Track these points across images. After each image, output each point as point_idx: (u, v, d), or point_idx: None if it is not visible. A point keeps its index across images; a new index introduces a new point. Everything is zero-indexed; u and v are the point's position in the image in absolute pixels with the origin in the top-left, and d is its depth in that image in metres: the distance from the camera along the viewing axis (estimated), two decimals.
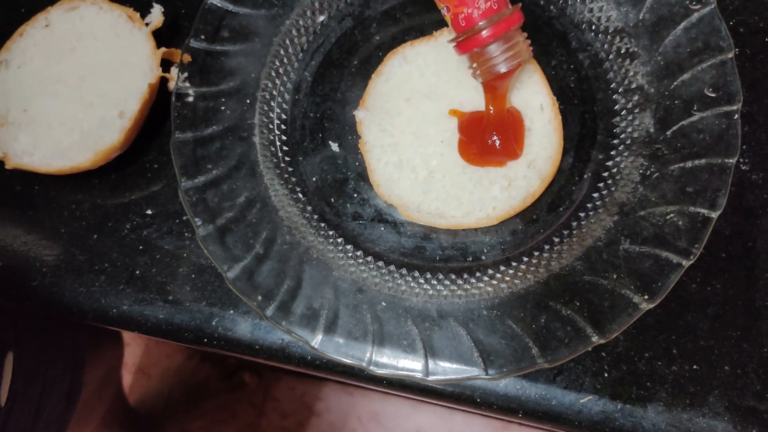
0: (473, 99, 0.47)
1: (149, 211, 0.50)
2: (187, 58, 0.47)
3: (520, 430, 1.16)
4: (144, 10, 0.52)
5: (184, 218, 0.49)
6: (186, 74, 0.47)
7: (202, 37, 0.48)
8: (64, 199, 0.51)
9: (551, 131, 0.45)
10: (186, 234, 0.49)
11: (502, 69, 0.42)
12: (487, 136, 0.44)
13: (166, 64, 0.52)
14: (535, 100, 0.46)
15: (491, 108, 0.45)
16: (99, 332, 0.77)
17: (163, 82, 0.52)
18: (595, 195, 0.44)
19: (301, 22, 0.51)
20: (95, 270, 0.49)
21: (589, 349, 0.39)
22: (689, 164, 0.42)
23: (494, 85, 0.44)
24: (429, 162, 0.46)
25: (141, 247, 0.49)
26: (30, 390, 0.57)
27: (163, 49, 0.50)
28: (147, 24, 0.51)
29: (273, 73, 0.50)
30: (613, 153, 0.45)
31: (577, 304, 0.41)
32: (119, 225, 0.50)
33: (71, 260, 0.50)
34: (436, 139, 0.47)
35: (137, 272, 0.49)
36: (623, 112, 0.45)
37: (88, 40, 0.51)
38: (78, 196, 0.51)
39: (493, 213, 0.45)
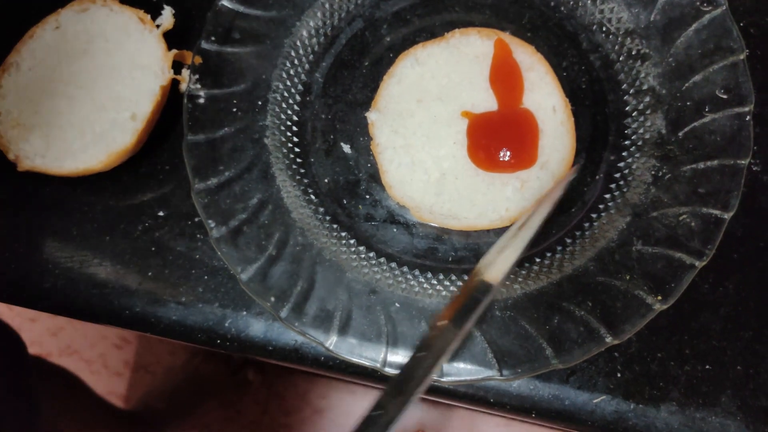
0: (486, 100, 0.47)
1: (161, 213, 0.50)
2: (198, 59, 0.47)
3: (522, 427, 1.16)
4: (155, 12, 0.52)
5: (197, 220, 0.49)
6: (197, 76, 0.47)
7: (213, 38, 0.48)
8: (76, 201, 0.51)
9: (564, 133, 0.45)
10: (198, 236, 0.49)
11: None
12: (499, 145, 0.45)
13: (177, 66, 0.52)
14: (547, 102, 0.46)
15: (502, 107, 0.46)
16: None
17: (175, 84, 0.52)
18: (607, 196, 0.45)
19: (311, 24, 0.51)
20: (108, 272, 0.49)
21: (603, 349, 0.40)
22: (701, 165, 0.42)
23: (505, 81, 0.45)
24: (441, 164, 0.46)
25: (153, 249, 0.49)
26: None
27: (175, 51, 0.50)
28: (158, 26, 0.51)
29: (284, 75, 0.50)
30: (624, 154, 0.45)
31: (590, 304, 0.41)
32: (131, 227, 0.50)
33: (83, 262, 0.50)
34: (448, 141, 0.47)
35: (150, 274, 0.49)
36: (635, 114, 0.45)
37: (99, 41, 0.51)
38: (90, 198, 0.51)
39: (506, 214, 0.45)
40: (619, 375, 0.43)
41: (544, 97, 0.46)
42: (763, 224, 0.44)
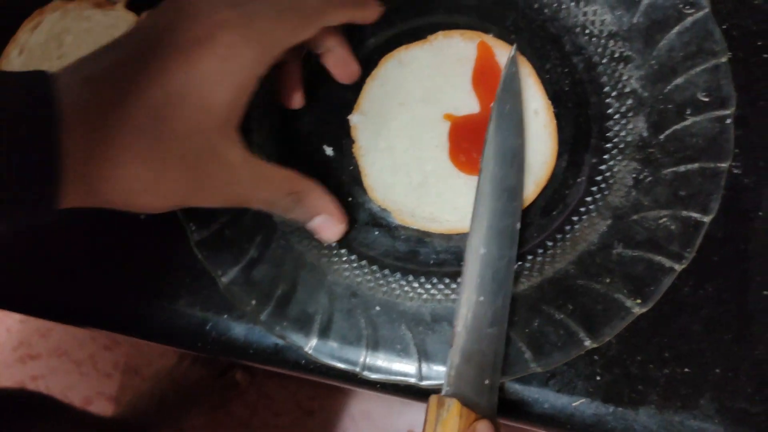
0: (468, 103, 0.47)
1: (142, 216, 0.49)
2: None
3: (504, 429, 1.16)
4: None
5: (178, 223, 0.49)
6: None
7: None
8: None
9: (546, 136, 0.45)
10: (180, 239, 0.49)
11: None
12: (480, 148, 0.44)
13: None
14: (529, 104, 0.46)
15: (484, 110, 0.45)
16: None
17: None
18: (589, 199, 0.45)
19: None
20: (88, 275, 0.49)
21: (582, 353, 0.40)
22: (682, 168, 0.42)
23: (487, 83, 0.45)
24: (423, 167, 0.46)
25: (134, 252, 0.49)
26: None
27: None
28: None
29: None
30: (606, 157, 0.45)
31: (570, 308, 0.41)
32: (111, 230, 0.50)
33: (62, 265, 0.49)
34: (431, 144, 0.46)
35: (130, 277, 0.48)
36: (617, 116, 0.45)
37: (83, 44, 0.51)
38: None
39: None
40: (598, 378, 0.43)
41: (526, 100, 0.46)
42: (744, 227, 0.44)
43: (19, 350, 1.47)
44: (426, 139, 0.46)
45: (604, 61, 0.46)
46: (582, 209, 0.45)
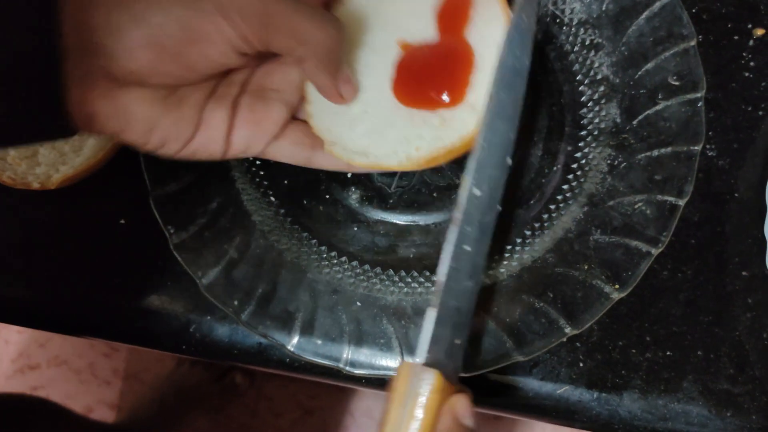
0: (427, 31, 0.41)
1: (122, 221, 0.50)
2: None
3: (485, 418, 1.17)
4: None
5: (158, 225, 0.49)
6: None
7: None
8: (35, 211, 0.51)
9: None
10: (160, 241, 0.49)
11: None
12: (424, 79, 0.40)
13: None
14: (492, 37, 0.40)
15: (443, 40, 0.41)
16: None
17: None
18: (565, 187, 0.45)
19: None
20: (71, 281, 0.49)
21: (564, 340, 0.40)
22: (656, 153, 0.42)
23: (451, 12, 0.41)
24: (364, 95, 0.41)
25: (115, 257, 0.49)
26: None
27: None
28: None
29: None
30: (581, 144, 0.45)
31: (551, 295, 0.41)
32: (92, 235, 0.50)
33: (45, 272, 0.49)
34: (377, 71, 0.41)
35: (113, 281, 0.49)
36: (590, 104, 0.45)
37: None
38: (48, 207, 0.51)
39: (415, 154, 0.40)
40: (581, 365, 0.43)
41: (490, 33, 0.40)
42: (719, 209, 0.44)
43: (18, 361, 1.47)
44: (373, 65, 0.41)
45: (576, 49, 0.46)
46: (559, 197, 0.45)
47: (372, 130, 0.41)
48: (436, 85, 0.40)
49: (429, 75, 0.40)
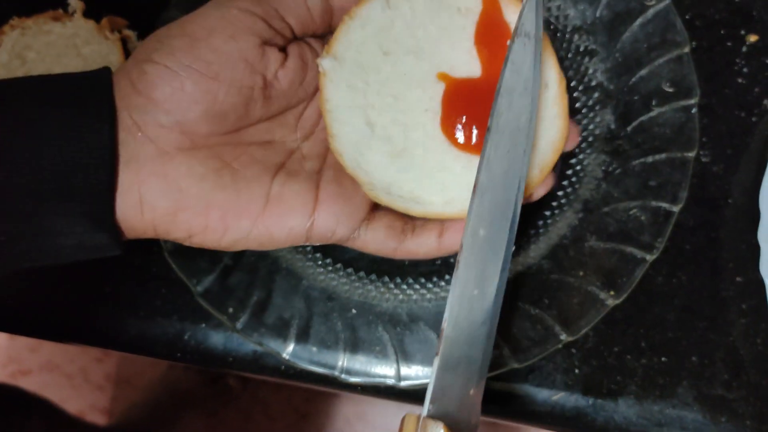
0: (467, 63, 0.38)
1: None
2: None
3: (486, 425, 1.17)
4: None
5: None
6: None
7: None
8: None
9: (556, 114, 0.37)
10: (154, 249, 0.48)
11: None
12: (480, 120, 0.37)
13: None
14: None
15: (487, 75, 0.37)
16: None
17: None
18: (560, 193, 0.45)
19: None
20: (64, 288, 0.49)
21: (559, 346, 0.40)
22: (650, 159, 0.42)
23: (492, 40, 0.37)
24: (408, 134, 0.38)
25: (109, 264, 0.49)
26: None
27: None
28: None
29: None
30: (576, 150, 0.45)
31: (546, 302, 0.41)
32: None
33: (37, 279, 0.49)
34: (419, 107, 0.38)
35: (106, 289, 0.48)
36: (584, 110, 0.46)
37: (47, 57, 0.51)
38: None
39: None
40: (577, 371, 0.43)
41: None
42: (714, 214, 0.44)
43: (9, 367, 1.46)
44: (413, 100, 0.38)
45: (570, 55, 0.46)
46: (554, 203, 0.45)
47: (422, 174, 0.38)
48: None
49: (483, 114, 0.36)
